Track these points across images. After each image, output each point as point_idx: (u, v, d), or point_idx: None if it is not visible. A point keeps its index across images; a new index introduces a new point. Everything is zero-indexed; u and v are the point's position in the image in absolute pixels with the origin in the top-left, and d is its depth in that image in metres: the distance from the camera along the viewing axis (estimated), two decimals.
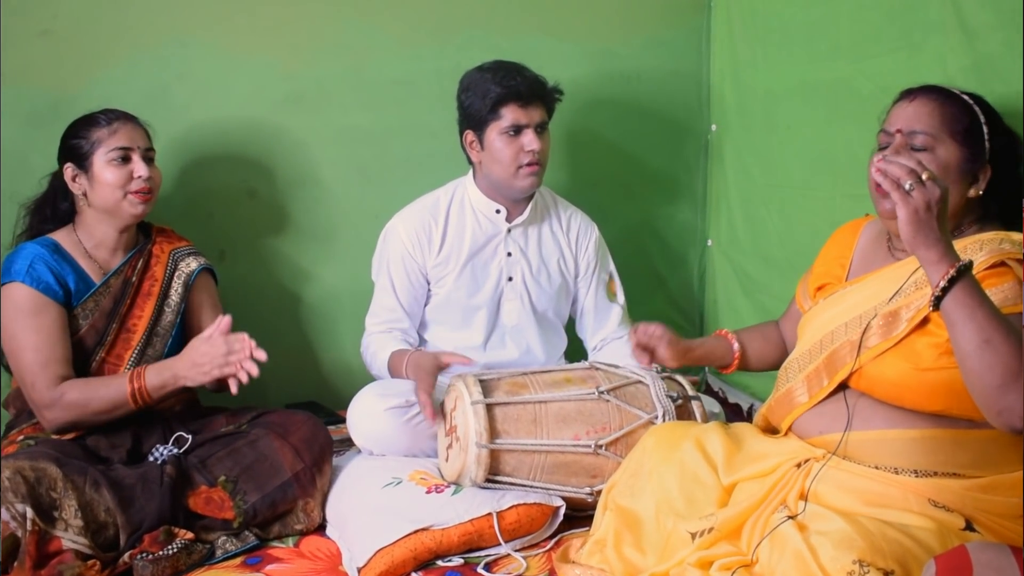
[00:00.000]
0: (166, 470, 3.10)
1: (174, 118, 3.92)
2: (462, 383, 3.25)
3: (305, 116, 4.17)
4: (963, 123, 2.57)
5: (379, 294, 3.91)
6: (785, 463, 2.64)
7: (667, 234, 4.82)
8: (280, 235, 4.23)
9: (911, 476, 2.47)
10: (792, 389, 2.77)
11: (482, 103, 3.69)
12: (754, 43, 4.34)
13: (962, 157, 2.55)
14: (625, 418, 3.23)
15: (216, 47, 4.01)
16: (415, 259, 3.83)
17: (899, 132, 2.60)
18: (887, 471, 2.50)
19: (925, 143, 2.54)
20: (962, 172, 2.56)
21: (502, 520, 3.08)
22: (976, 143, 2.57)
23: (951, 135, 2.55)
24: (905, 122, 2.59)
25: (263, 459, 3.22)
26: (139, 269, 3.46)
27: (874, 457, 2.52)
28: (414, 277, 3.85)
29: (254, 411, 3.48)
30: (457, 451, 3.22)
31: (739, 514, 2.54)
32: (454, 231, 3.86)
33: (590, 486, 3.19)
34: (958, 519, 2.39)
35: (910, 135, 2.57)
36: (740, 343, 3.24)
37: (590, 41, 4.51)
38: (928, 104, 2.60)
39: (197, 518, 3.11)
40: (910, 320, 2.50)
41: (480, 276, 3.88)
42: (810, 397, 2.70)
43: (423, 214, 3.87)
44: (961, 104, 2.60)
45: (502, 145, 3.69)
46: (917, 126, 2.57)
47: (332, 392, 4.29)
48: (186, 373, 3.18)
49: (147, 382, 3.20)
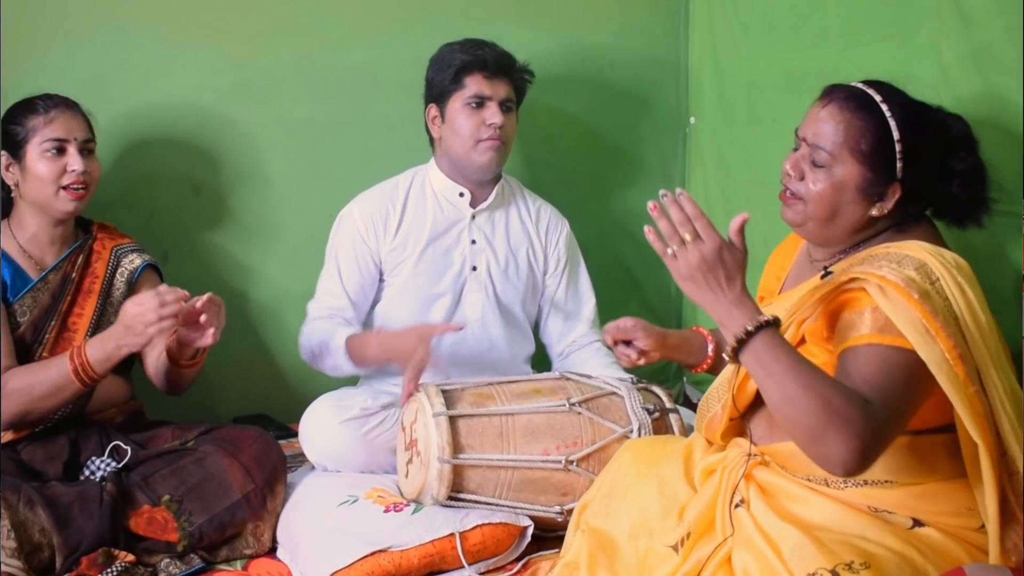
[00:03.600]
0: (106, 488, 3.09)
1: (113, 110, 3.88)
2: (423, 393, 3.25)
3: (254, 107, 4.16)
4: (869, 142, 2.53)
5: (324, 278, 3.88)
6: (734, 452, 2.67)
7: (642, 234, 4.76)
8: (227, 235, 4.21)
9: (842, 487, 2.47)
10: (713, 418, 2.77)
11: (446, 72, 3.74)
12: (736, 29, 4.35)
13: (863, 178, 2.54)
14: (598, 432, 3.24)
15: (158, 33, 3.99)
16: (368, 244, 3.81)
17: (804, 141, 2.61)
18: (817, 482, 2.50)
19: (824, 160, 2.55)
20: (863, 192, 2.55)
21: (465, 541, 3.08)
22: (883, 163, 2.54)
23: (852, 153, 2.53)
24: (812, 133, 2.59)
25: (211, 478, 3.21)
26: (79, 265, 3.45)
27: (803, 468, 2.51)
28: (364, 265, 3.83)
29: (202, 426, 3.45)
30: (418, 466, 3.21)
31: (706, 506, 2.57)
32: (413, 215, 3.86)
33: (560, 504, 3.20)
34: (904, 520, 2.41)
35: (814, 147, 2.57)
36: (716, 342, 3.22)
37: (560, 27, 4.52)
38: (836, 116, 2.57)
39: (139, 540, 3.11)
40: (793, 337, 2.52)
41: (441, 264, 3.86)
42: (723, 411, 2.71)
43: (380, 197, 3.88)
44: (873, 117, 2.56)
45: (463, 117, 3.73)
46: (820, 141, 2.55)
47: (284, 403, 4.24)
48: (125, 340, 3.11)
49: (88, 356, 3.14)
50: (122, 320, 3.11)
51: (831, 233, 2.61)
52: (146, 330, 3.06)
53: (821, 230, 2.61)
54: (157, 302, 3.04)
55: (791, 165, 2.61)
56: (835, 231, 2.60)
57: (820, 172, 2.55)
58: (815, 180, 2.56)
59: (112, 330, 3.16)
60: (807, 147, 2.59)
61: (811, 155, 2.58)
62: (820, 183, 2.54)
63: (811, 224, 2.60)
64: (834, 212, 2.56)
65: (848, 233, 2.61)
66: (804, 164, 2.59)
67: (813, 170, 2.56)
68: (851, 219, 2.57)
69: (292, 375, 4.31)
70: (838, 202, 2.55)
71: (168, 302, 3.05)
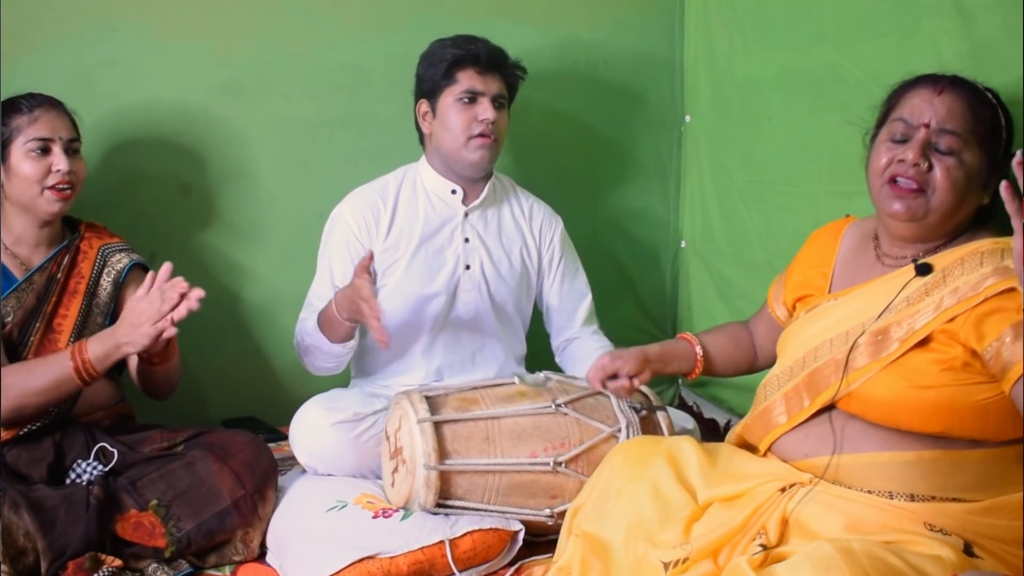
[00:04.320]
0: (93, 491, 3.08)
1: (100, 108, 3.89)
2: (406, 400, 3.24)
3: (243, 106, 4.15)
4: (990, 127, 2.55)
5: (317, 283, 3.86)
6: (768, 485, 2.61)
7: (637, 234, 4.84)
8: (215, 235, 4.21)
9: (906, 500, 2.45)
10: (770, 408, 2.75)
11: (437, 67, 3.74)
12: (732, 26, 4.35)
13: (985, 165, 2.54)
14: (585, 432, 3.23)
15: (146, 31, 3.98)
16: (361, 243, 3.79)
17: (926, 127, 2.55)
18: (880, 495, 2.48)
19: (953, 145, 2.51)
20: (983, 181, 2.55)
21: (455, 548, 3.08)
22: (998, 150, 2.56)
23: (978, 139, 2.53)
24: (936, 117, 2.54)
25: (200, 483, 3.19)
26: (65, 265, 3.45)
27: (866, 481, 2.50)
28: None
29: (192, 430, 3.44)
30: (403, 475, 3.20)
31: (716, 540, 2.51)
32: (405, 213, 3.84)
33: (550, 507, 3.19)
34: (956, 542, 2.37)
35: (938, 133, 2.53)
36: (704, 347, 3.19)
37: (553, 24, 4.52)
38: (959, 100, 2.55)
39: (126, 545, 3.10)
40: (903, 340, 2.49)
41: (434, 264, 3.85)
42: (789, 418, 2.69)
43: (371, 195, 3.86)
44: (989, 105, 2.58)
45: (455, 113, 3.72)
46: (949, 124, 2.53)
47: (274, 406, 4.23)
48: (128, 337, 3.09)
49: (90, 354, 3.13)
50: (127, 317, 3.10)
51: (946, 226, 2.58)
52: (150, 330, 3.05)
53: (940, 224, 2.57)
54: (160, 299, 3.04)
55: (917, 153, 2.53)
56: (950, 223, 2.58)
57: (949, 159, 2.52)
58: (944, 168, 2.51)
59: (115, 328, 3.14)
60: (927, 132, 2.54)
61: (929, 140, 2.53)
62: (953, 171, 2.51)
63: (932, 217, 2.55)
64: (961, 201, 2.54)
65: (956, 225, 2.58)
66: (929, 153, 2.54)
67: (939, 158, 2.52)
68: (969, 209, 2.56)
69: (283, 377, 4.31)
70: (966, 190, 2.53)
71: (171, 298, 3.03)
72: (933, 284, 2.49)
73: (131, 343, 3.10)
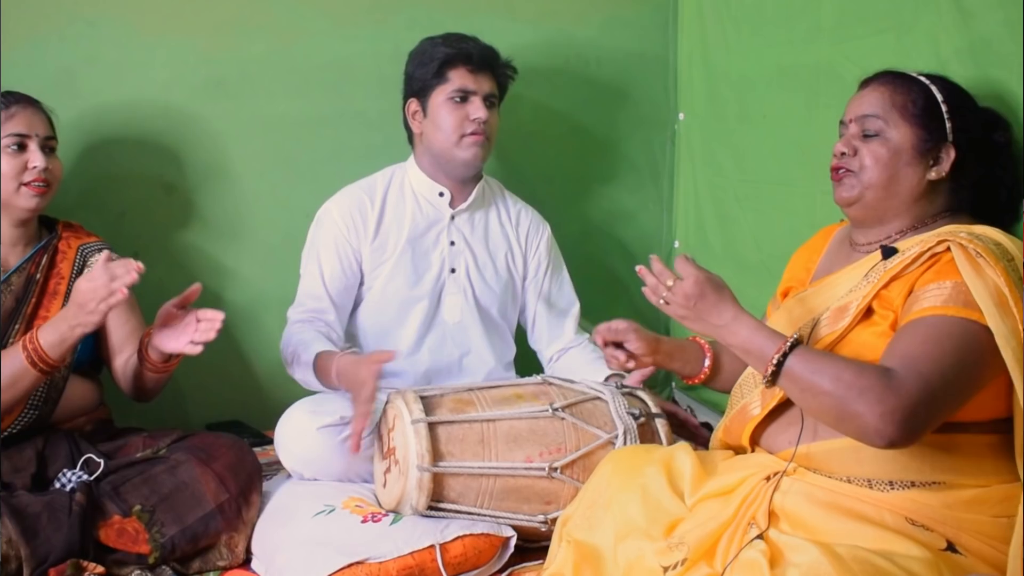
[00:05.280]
0: (75, 498, 3.06)
1: (81, 106, 3.89)
2: (401, 400, 3.23)
3: (227, 103, 4.14)
4: (916, 103, 2.67)
5: (305, 281, 3.86)
6: (753, 476, 2.65)
7: (629, 235, 4.83)
8: (198, 236, 4.20)
9: (886, 488, 2.48)
10: (747, 404, 2.82)
11: (428, 66, 3.74)
12: (726, 23, 4.34)
13: (916, 137, 2.65)
14: (582, 438, 3.23)
15: (128, 27, 3.97)
16: (349, 243, 3.80)
17: (851, 122, 2.75)
18: (860, 484, 2.52)
19: (876, 127, 2.68)
20: (919, 152, 2.66)
21: (446, 553, 3.07)
22: (933, 122, 2.66)
23: (902, 115, 2.67)
24: (860, 110, 2.72)
25: (183, 488, 3.18)
26: (44, 266, 3.43)
27: (844, 467, 2.54)
28: (347, 264, 3.81)
29: (174, 433, 3.42)
30: (396, 475, 3.19)
31: (710, 534, 2.52)
32: (392, 214, 3.85)
33: (544, 513, 3.19)
34: (938, 540, 2.39)
35: (861, 121, 2.71)
36: (715, 353, 3.23)
37: (544, 20, 4.53)
38: (879, 88, 2.73)
39: (109, 551, 3.08)
40: (854, 314, 2.57)
41: (420, 266, 3.86)
42: (763, 408, 2.75)
43: (358, 194, 3.86)
44: (915, 85, 2.70)
45: (446, 112, 3.73)
46: (869, 110, 2.71)
47: (259, 409, 4.22)
48: (79, 319, 3.07)
49: (41, 340, 3.10)
50: (75, 299, 3.07)
51: (890, 203, 2.68)
52: (98, 306, 3.03)
53: (880, 201, 2.69)
54: (108, 276, 3.01)
55: (843, 143, 2.75)
56: (894, 200, 2.68)
57: (873, 141, 2.69)
58: (870, 150, 2.68)
59: (65, 311, 3.13)
60: (855, 125, 2.72)
61: (860, 130, 2.70)
62: (875, 149, 2.66)
63: (869, 194, 2.69)
64: (892, 177, 2.66)
65: (908, 202, 2.69)
66: (855, 141, 2.71)
67: (866, 142, 2.69)
68: (910, 184, 2.66)
69: (267, 380, 4.30)
70: (896, 165, 2.66)
71: (119, 275, 3.01)
72: (892, 263, 2.56)
73: (82, 324, 3.08)
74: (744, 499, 2.59)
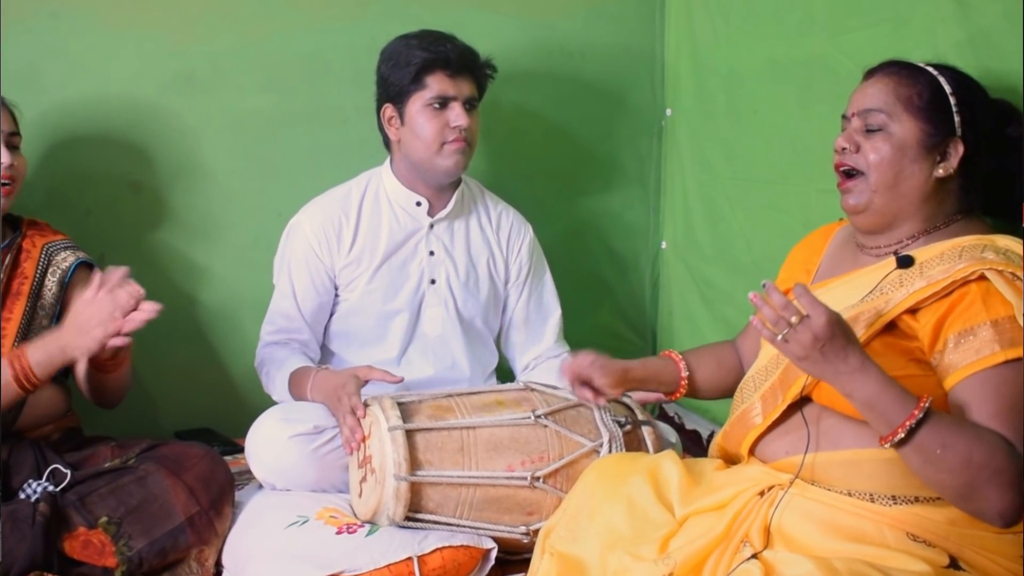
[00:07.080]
0: (39, 508, 3.04)
1: (46, 101, 3.88)
2: (377, 406, 3.22)
3: (197, 98, 4.13)
4: (922, 96, 2.62)
5: (277, 299, 3.85)
6: (746, 491, 2.62)
7: (615, 235, 4.83)
8: (169, 235, 4.18)
9: (888, 503, 2.46)
10: (748, 411, 2.78)
11: (405, 71, 3.69)
12: (715, 15, 4.34)
13: (922, 132, 2.60)
14: (566, 446, 3.22)
15: (94, 19, 3.96)
16: (321, 260, 3.77)
17: (854, 116, 2.69)
18: (861, 498, 2.49)
19: (879, 122, 2.62)
20: (925, 148, 2.60)
21: (424, 565, 3.06)
22: (940, 116, 2.61)
23: (907, 108, 2.61)
24: (863, 103, 2.67)
25: (152, 500, 3.16)
26: (8, 265, 3.40)
27: (845, 481, 2.51)
28: (319, 281, 3.79)
29: (144, 443, 3.39)
30: (372, 485, 3.18)
31: (699, 550, 2.50)
32: (367, 227, 3.82)
33: (526, 525, 3.18)
34: (941, 556, 2.37)
35: (864, 115, 2.65)
36: (689, 366, 3.18)
37: (526, 12, 4.51)
38: (883, 80, 2.68)
39: (73, 564, 3.05)
40: (869, 325, 2.52)
41: (398, 278, 3.83)
42: (764, 417, 2.71)
43: (332, 208, 3.82)
44: (922, 76, 2.66)
45: (425, 119, 3.67)
46: (872, 104, 2.65)
47: (230, 416, 4.21)
48: (74, 342, 3.04)
49: (30, 360, 3.07)
50: (73, 321, 3.05)
51: (898, 205, 2.63)
52: (100, 336, 3.00)
53: (888, 204, 2.63)
54: (113, 306, 2.99)
55: (844, 138, 2.68)
56: (901, 201, 2.63)
57: (877, 136, 2.63)
58: (873, 146, 2.62)
59: (60, 332, 3.09)
60: (857, 119, 2.67)
61: (863, 125, 2.65)
62: (879, 146, 2.61)
63: (877, 199, 2.63)
64: (898, 176, 2.61)
65: (916, 203, 2.63)
66: (857, 136, 2.66)
67: (868, 137, 2.63)
68: (917, 182, 2.61)
69: (239, 385, 4.29)
70: (901, 163, 2.60)
71: (122, 305, 2.99)
72: (909, 276, 2.52)
73: (78, 348, 3.04)
74: (736, 515, 2.57)
